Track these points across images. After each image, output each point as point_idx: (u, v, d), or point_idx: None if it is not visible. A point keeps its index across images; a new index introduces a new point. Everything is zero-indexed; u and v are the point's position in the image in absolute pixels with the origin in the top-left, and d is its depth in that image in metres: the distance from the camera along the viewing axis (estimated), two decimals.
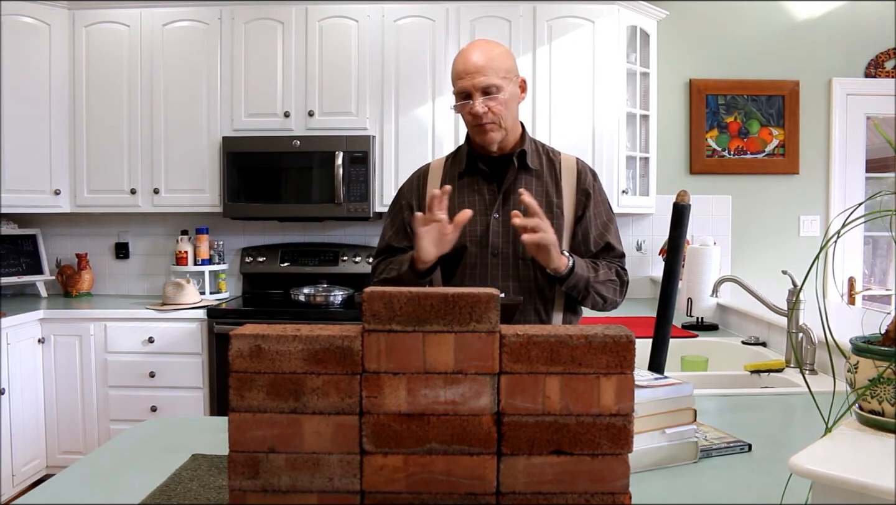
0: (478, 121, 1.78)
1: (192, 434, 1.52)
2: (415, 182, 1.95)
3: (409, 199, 1.93)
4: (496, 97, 1.77)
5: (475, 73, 1.76)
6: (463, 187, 1.87)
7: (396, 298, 0.92)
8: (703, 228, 4.12)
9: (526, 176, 1.86)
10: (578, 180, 1.88)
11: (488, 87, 1.76)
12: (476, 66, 1.76)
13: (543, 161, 1.89)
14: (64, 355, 3.57)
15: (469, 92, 1.77)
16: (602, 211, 1.90)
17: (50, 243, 4.20)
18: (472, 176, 1.88)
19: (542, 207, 1.78)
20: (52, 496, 1.20)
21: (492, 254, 1.82)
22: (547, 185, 1.86)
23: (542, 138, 3.78)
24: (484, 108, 1.76)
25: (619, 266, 1.89)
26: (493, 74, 1.76)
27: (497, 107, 1.78)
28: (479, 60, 1.77)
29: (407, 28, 3.77)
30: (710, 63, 4.18)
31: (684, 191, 1.67)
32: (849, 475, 0.84)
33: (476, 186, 1.86)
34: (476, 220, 1.81)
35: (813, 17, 4.16)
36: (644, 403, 1.24)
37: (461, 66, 1.78)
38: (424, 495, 0.92)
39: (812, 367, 2.12)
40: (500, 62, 1.79)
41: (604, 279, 1.82)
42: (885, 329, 1.03)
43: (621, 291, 1.88)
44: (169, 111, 3.85)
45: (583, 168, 1.91)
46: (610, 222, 1.92)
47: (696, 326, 3.02)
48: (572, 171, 1.89)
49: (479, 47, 1.81)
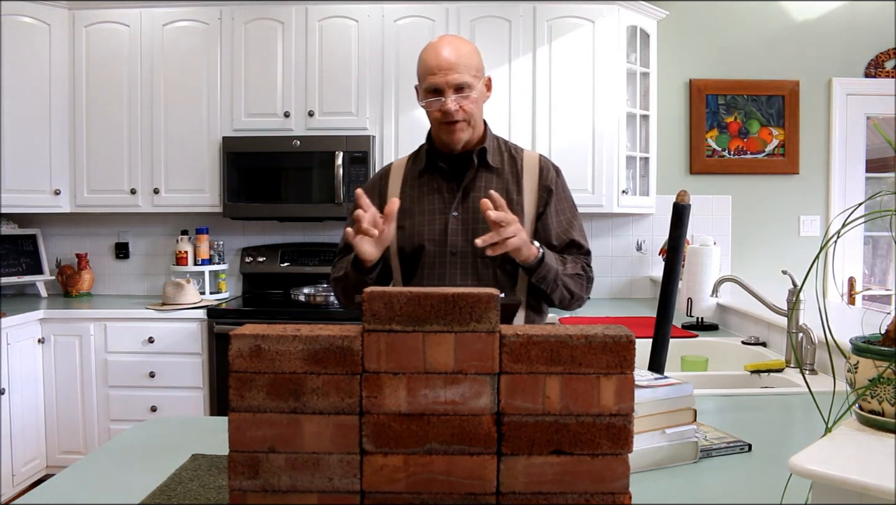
0: (448, 119, 1.76)
1: (192, 434, 1.52)
2: (376, 181, 1.93)
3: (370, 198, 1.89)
4: (468, 95, 1.75)
5: (448, 69, 1.73)
6: (423, 185, 1.85)
7: (396, 298, 0.92)
8: (703, 228, 4.12)
9: (486, 174, 1.84)
10: (540, 177, 1.87)
11: (460, 84, 1.74)
12: (449, 63, 1.73)
13: (505, 158, 1.88)
14: (64, 355, 3.57)
15: (441, 88, 1.74)
16: (565, 208, 1.89)
17: (50, 243, 4.20)
18: (431, 174, 1.86)
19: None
20: (52, 496, 1.20)
21: (451, 252, 1.80)
22: (507, 183, 1.84)
23: (542, 138, 3.79)
24: (456, 105, 1.74)
25: (584, 262, 1.87)
26: (465, 72, 1.74)
27: (468, 105, 1.76)
28: (452, 57, 1.74)
29: (407, 28, 3.77)
30: (710, 63, 4.18)
31: (684, 191, 1.66)
32: (849, 475, 0.84)
33: (435, 185, 1.84)
34: (435, 218, 1.80)
35: (813, 17, 4.16)
36: (644, 403, 1.24)
37: (433, 61, 1.75)
38: (424, 495, 0.92)
39: (812, 367, 2.11)
40: (471, 60, 1.77)
41: (572, 273, 1.81)
42: (885, 329, 1.03)
43: (587, 286, 1.87)
44: (169, 111, 3.85)
45: (545, 165, 1.89)
46: (574, 219, 1.90)
47: (696, 326, 3.02)
48: (534, 168, 1.87)
49: (449, 43, 1.77)
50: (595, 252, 4.12)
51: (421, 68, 1.79)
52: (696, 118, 4.17)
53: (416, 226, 1.80)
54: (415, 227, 1.80)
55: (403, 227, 1.81)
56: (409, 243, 1.81)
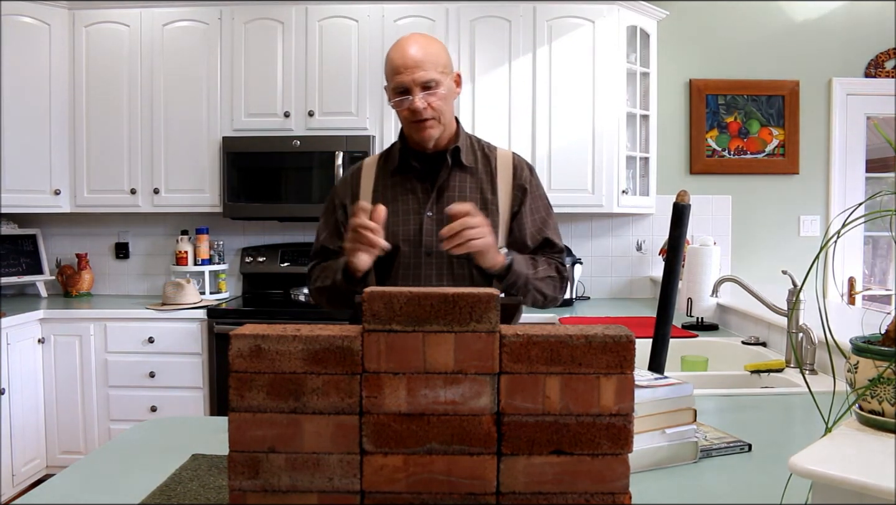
0: (417, 117, 1.74)
1: (192, 434, 1.52)
2: (348, 181, 1.90)
3: (342, 198, 1.88)
4: (436, 92, 1.74)
5: (414, 67, 1.71)
6: (396, 185, 1.83)
7: (396, 298, 0.92)
8: (703, 228, 4.12)
9: (460, 173, 1.83)
10: (514, 176, 1.86)
11: (428, 81, 1.72)
12: (415, 61, 1.72)
13: (478, 157, 1.87)
14: (64, 355, 3.57)
15: (408, 87, 1.73)
16: (540, 206, 1.88)
17: (50, 243, 4.20)
18: (404, 174, 1.84)
19: (478, 205, 1.75)
20: (52, 496, 1.20)
21: (425, 253, 1.79)
22: (481, 182, 1.84)
23: (542, 138, 3.79)
24: (424, 103, 1.73)
25: (558, 262, 1.87)
26: (432, 69, 1.73)
27: (437, 102, 1.75)
28: (418, 55, 1.72)
29: (407, 28, 3.77)
30: (710, 63, 4.18)
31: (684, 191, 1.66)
32: (849, 475, 0.84)
33: (409, 185, 1.82)
34: (409, 218, 1.79)
35: (813, 17, 4.16)
36: (644, 403, 1.24)
37: (399, 60, 1.73)
38: (424, 495, 0.92)
39: (812, 367, 2.12)
40: (438, 57, 1.76)
41: (543, 276, 1.81)
42: (885, 329, 1.03)
43: (561, 287, 1.87)
44: (169, 111, 3.85)
45: (519, 163, 1.89)
46: (548, 217, 1.90)
47: (696, 326, 3.02)
48: (508, 167, 1.86)
49: (416, 41, 1.76)
50: (595, 252, 4.18)
51: (388, 68, 1.77)
52: (696, 118, 4.17)
53: (391, 226, 1.77)
54: (389, 227, 1.76)
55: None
56: None
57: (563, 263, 1.89)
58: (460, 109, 3.76)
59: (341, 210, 1.87)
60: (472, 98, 3.77)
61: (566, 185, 3.77)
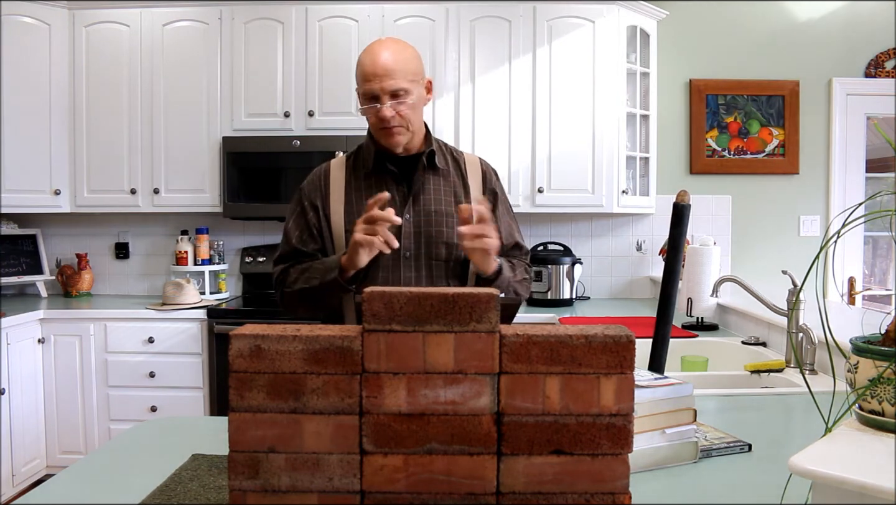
0: (384, 124, 1.75)
1: (192, 434, 1.52)
2: (316, 182, 1.88)
3: (312, 198, 1.85)
4: (404, 101, 1.74)
5: (384, 76, 1.72)
6: (371, 187, 1.82)
7: (396, 298, 0.92)
8: (703, 228, 4.12)
9: (434, 176, 1.84)
10: (485, 180, 1.89)
11: (397, 90, 1.73)
12: (385, 69, 1.72)
13: (449, 160, 1.88)
14: (64, 355, 3.57)
15: (377, 95, 1.73)
16: (506, 210, 1.93)
17: (50, 243, 4.20)
18: (379, 176, 1.83)
19: (452, 207, 1.80)
20: (52, 496, 1.20)
21: (404, 256, 1.80)
22: (455, 185, 1.86)
23: (542, 138, 3.79)
24: (392, 112, 1.73)
25: (525, 264, 1.94)
26: (401, 78, 1.73)
27: (405, 111, 1.75)
28: (388, 63, 1.72)
29: (407, 28, 3.77)
30: (710, 63, 4.18)
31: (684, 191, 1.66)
32: (849, 475, 0.84)
33: (384, 187, 1.80)
34: None
35: (813, 17, 4.16)
36: (644, 403, 1.24)
37: (369, 67, 1.73)
38: (424, 495, 0.92)
39: (812, 367, 2.12)
40: (409, 65, 1.76)
41: (520, 278, 1.86)
42: (885, 329, 1.03)
43: (529, 287, 1.95)
44: (169, 111, 3.85)
45: (487, 168, 1.92)
46: (513, 221, 1.95)
47: (696, 326, 3.02)
48: (477, 171, 1.89)
49: (387, 48, 1.76)
50: (595, 252, 4.18)
51: (358, 73, 1.77)
52: (696, 118, 4.17)
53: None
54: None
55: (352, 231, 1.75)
56: None
57: (529, 264, 1.98)
58: (460, 109, 3.77)
59: (313, 212, 1.84)
60: (472, 98, 3.77)
61: (566, 185, 3.78)
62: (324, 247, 1.83)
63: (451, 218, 1.81)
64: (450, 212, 1.81)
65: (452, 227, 1.79)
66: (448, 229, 1.80)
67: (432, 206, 1.81)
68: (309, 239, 1.83)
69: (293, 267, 1.83)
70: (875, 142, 4.23)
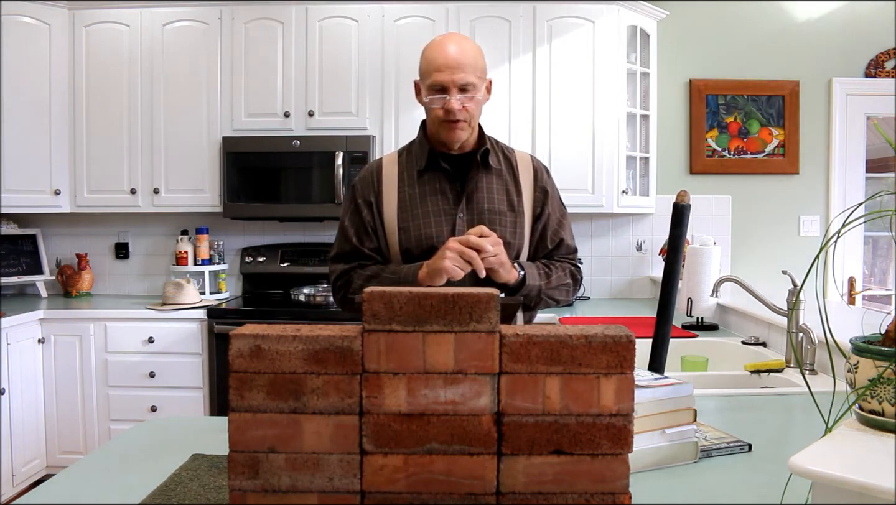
0: (450, 117, 1.74)
1: (192, 434, 1.52)
2: (368, 178, 1.87)
3: (365, 196, 1.84)
4: (473, 96, 1.75)
5: (456, 68, 1.71)
6: (424, 185, 1.82)
7: (396, 298, 0.92)
8: (703, 228, 4.12)
9: (487, 175, 1.84)
10: (536, 178, 1.88)
11: (465, 84, 1.73)
12: (457, 62, 1.72)
13: (501, 159, 1.88)
14: (64, 355, 3.57)
15: (446, 86, 1.73)
16: (556, 207, 1.91)
17: (50, 243, 4.20)
18: (432, 173, 1.83)
19: (505, 206, 1.80)
20: (52, 496, 1.20)
21: None
22: (507, 184, 1.85)
23: (542, 138, 3.79)
24: (459, 105, 1.73)
25: (572, 265, 1.91)
26: (471, 72, 1.73)
27: (471, 105, 1.76)
28: (459, 56, 1.72)
29: (407, 28, 3.77)
30: (710, 63, 4.18)
31: (684, 191, 1.66)
32: (849, 475, 0.84)
33: (438, 185, 1.82)
34: (441, 220, 1.79)
35: (813, 17, 4.16)
36: (644, 403, 1.24)
37: (441, 59, 1.72)
38: (424, 495, 0.92)
39: (812, 367, 2.11)
40: (477, 61, 1.76)
41: (556, 284, 1.83)
42: (885, 329, 1.03)
43: (574, 290, 1.91)
44: (169, 111, 3.85)
45: (538, 165, 1.92)
46: (563, 218, 1.93)
47: (696, 326, 3.02)
48: (529, 169, 1.89)
49: (456, 42, 1.76)
50: (595, 252, 4.18)
51: (425, 64, 1.76)
52: (696, 118, 4.17)
53: (424, 227, 1.78)
54: (421, 228, 1.78)
55: (407, 229, 1.79)
56: (418, 245, 1.77)
57: (577, 264, 1.92)
58: None
59: (367, 209, 1.83)
60: None
61: (566, 184, 3.75)
62: (379, 245, 1.83)
63: (504, 217, 1.81)
64: (502, 210, 1.81)
65: (505, 225, 1.80)
66: (502, 228, 1.79)
67: (485, 205, 1.80)
68: (365, 237, 1.83)
69: (355, 272, 1.82)
70: (875, 142, 4.23)
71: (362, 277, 1.80)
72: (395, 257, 1.82)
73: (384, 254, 1.83)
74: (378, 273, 1.79)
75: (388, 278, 1.76)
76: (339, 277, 1.84)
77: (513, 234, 1.80)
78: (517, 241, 1.82)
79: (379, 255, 1.83)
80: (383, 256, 1.83)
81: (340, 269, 1.84)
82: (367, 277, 1.79)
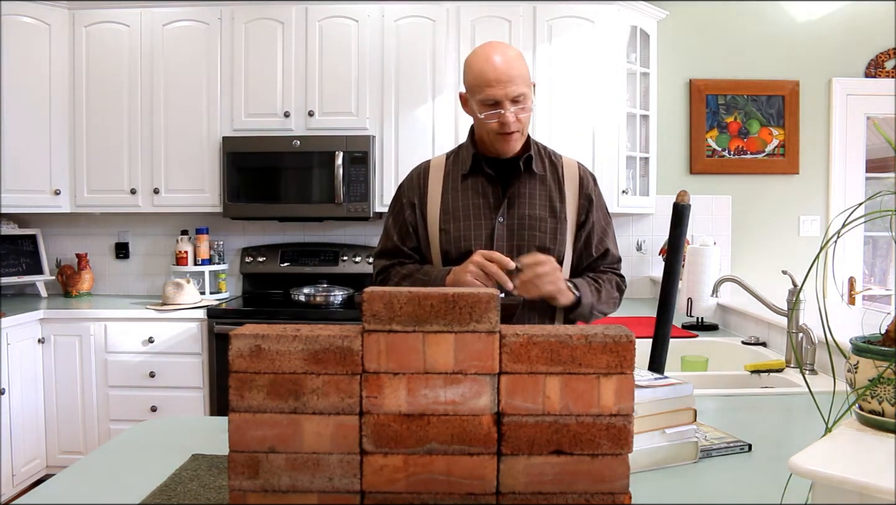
0: (506, 129, 1.75)
1: (192, 434, 1.52)
2: (415, 179, 1.91)
3: (410, 197, 1.89)
4: (525, 106, 1.75)
5: (507, 82, 1.71)
6: (467, 189, 1.84)
7: (396, 298, 0.92)
8: (703, 228, 4.12)
9: (530, 180, 1.84)
10: (581, 186, 1.88)
11: (517, 96, 1.73)
12: (507, 75, 1.71)
13: (546, 165, 1.88)
14: (64, 355, 3.57)
15: (499, 101, 1.73)
16: (601, 216, 1.91)
17: (50, 243, 4.20)
18: (476, 177, 1.85)
19: (546, 212, 1.80)
20: (52, 496, 1.20)
21: None
22: (551, 190, 1.85)
23: (541, 138, 3.77)
24: (514, 117, 1.73)
25: (618, 276, 1.91)
26: (521, 83, 1.73)
27: (524, 115, 1.76)
28: (509, 68, 1.72)
29: (407, 28, 3.77)
30: (710, 63, 4.18)
31: (684, 191, 1.66)
32: (849, 475, 0.84)
33: (480, 189, 1.83)
34: (481, 223, 1.80)
35: (813, 17, 4.16)
36: (644, 403, 1.24)
37: (491, 73, 1.72)
38: (424, 495, 0.92)
39: (812, 367, 2.11)
40: (524, 69, 1.76)
41: (606, 299, 1.84)
42: (885, 329, 1.03)
43: (620, 301, 1.92)
44: (169, 111, 3.85)
45: (584, 173, 1.91)
46: (608, 227, 1.93)
47: (696, 326, 3.02)
48: (575, 177, 1.88)
49: (501, 52, 1.75)
50: None
51: (473, 79, 1.76)
52: (696, 118, 4.17)
53: (463, 230, 1.80)
54: (461, 231, 1.80)
55: (447, 231, 1.81)
56: (456, 247, 1.80)
57: (622, 274, 1.93)
58: (460, 109, 3.76)
59: (410, 210, 1.87)
60: None
61: None
62: (419, 245, 1.87)
63: (545, 222, 1.81)
64: (544, 217, 1.81)
65: (546, 231, 1.80)
66: (541, 234, 1.80)
67: (527, 210, 1.80)
68: (406, 237, 1.87)
69: (394, 268, 1.87)
70: (875, 142, 4.23)
71: (399, 274, 1.85)
72: (435, 258, 1.85)
73: (424, 253, 1.87)
74: (412, 273, 1.83)
75: (420, 279, 1.80)
76: (380, 272, 1.91)
77: (553, 241, 1.80)
78: (557, 247, 1.81)
79: (419, 254, 1.88)
80: (423, 255, 1.87)
81: (382, 264, 1.91)
82: (403, 275, 1.84)
